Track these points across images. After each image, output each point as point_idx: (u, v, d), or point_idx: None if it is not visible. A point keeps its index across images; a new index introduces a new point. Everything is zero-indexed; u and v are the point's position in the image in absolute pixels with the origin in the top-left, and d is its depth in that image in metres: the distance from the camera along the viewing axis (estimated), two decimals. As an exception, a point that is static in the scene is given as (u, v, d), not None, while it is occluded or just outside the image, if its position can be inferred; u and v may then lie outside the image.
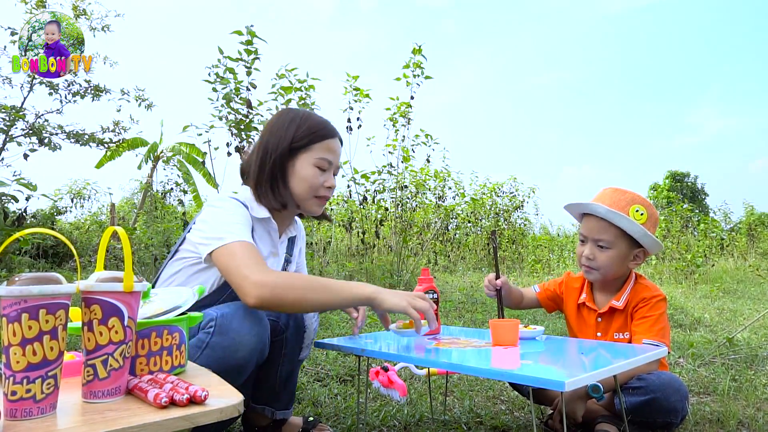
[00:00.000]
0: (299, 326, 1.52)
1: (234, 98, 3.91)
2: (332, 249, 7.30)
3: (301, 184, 1.55)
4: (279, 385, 1.57)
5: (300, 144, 1.54)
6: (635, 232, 1.74)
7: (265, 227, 1.58)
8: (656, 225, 1.81)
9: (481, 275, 8.55)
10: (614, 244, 1.77)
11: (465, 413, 2.02)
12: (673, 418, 1.68)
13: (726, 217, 14.18)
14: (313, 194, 1.56)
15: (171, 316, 1.00)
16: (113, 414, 0.75)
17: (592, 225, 1.80)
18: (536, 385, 1.14)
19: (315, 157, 1.54)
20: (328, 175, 1.58)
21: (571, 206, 1.89)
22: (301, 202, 1.58)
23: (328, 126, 1.59)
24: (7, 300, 0.74)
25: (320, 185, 1.56)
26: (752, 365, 2.70)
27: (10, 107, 6.11)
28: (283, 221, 1.66)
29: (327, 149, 1.56)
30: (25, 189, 3.54)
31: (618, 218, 1.73)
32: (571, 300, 1.95)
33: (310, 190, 1.56)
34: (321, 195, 1.58)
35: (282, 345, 1.51)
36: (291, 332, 1.50)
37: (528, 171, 54.22)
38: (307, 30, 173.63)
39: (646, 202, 1.79)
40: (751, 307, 5.10)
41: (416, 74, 5.23)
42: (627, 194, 1.79)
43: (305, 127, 1.55)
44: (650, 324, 1.73)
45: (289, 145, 1.54)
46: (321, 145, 1.55)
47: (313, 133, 1.55)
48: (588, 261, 1.81)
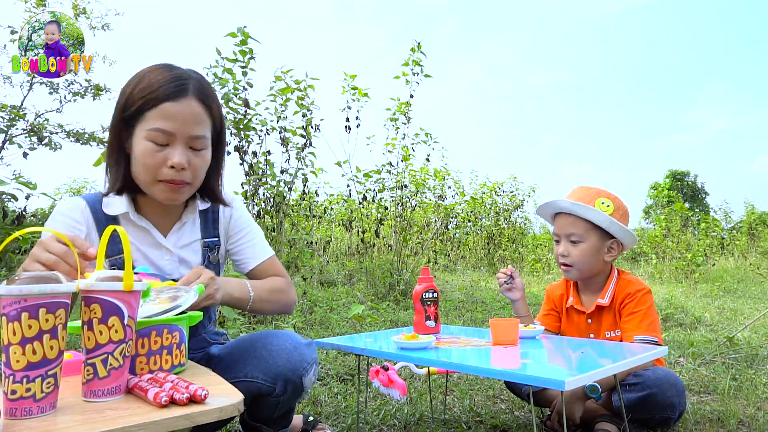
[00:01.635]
0: (297, 391, 1.34)
1: (233, 98, 3.91)
2: (332, 248, 7.30)
3: (137, 165, 1.25)
4: (274, 422, 1.45)
5: (130, 113, 1.22)
6: (601, 221, 1.76)
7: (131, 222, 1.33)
8: (626, 217, 1.83)
9: (480, 274, 8.55)
10: (585, 237, 1.79)
11: (465, 412, 2.02)
12: (671, 414, 1.68)
13: (726, 216, 14.17)
14: (152, 177, 1.24)
15: (171, 315, 1.00)
16: (113, 413, 0.75)
17: (562, 222, 1.84)
18: (536, 384, 1.14)
19: (146, 129, 1.21)
20: (170, 151, 1.22)
21: (541, 208, 1.93)
22: (146, 189, 1.28)
23: (165, 85, 1.21)
24: (7, 299, 0.74)
25: (159, 165, 1.22)
26: (752, 364, 2.70)
27: (9, 106, 6.11)
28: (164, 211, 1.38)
29: (162, 116, 1.20)
30: (24, 188, 3.53)
31: (582, 209, 1.77)
32: (560, 306, 1.97)
33: (147, 172, 1.23)
34: (163, 177, 1.23)
35: (277, 405, 1.35)
36: (288, 396, 1.34)
37: (528, 170, 54.27)
38: (306, 29, 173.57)
39: (612, 195, 1.83)
40: (752, 306, 5.09)
41: (415, 72, 5.22)
42: (593, 189, 1.84)
43: (138, 89, 1.22)
44: (639, 319, 1.73)
45: (120, 116, 1.24)
46: (154, 111, 1.20)
47: (143, 97, 1.21)
48: (563, 258, 1.83)
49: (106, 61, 7.42)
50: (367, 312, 3.81)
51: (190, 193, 1.32)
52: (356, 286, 5.66)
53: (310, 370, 1.33)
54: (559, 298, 1.97)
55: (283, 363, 1.29)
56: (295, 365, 1.30)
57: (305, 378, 1.32)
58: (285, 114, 4.27)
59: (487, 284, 6.77)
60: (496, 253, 10.33)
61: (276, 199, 4.24)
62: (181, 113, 1.21)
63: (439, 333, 1.72)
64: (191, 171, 1.26)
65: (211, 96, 1.31)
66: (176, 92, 1.22)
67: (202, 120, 1.26)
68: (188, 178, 1.26)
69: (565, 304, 1.93)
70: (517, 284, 1.90)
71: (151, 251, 1.35)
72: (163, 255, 1.36)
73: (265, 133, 4.20)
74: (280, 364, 1.29)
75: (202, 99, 1.26)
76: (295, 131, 4.34)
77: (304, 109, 4.34)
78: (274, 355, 1.30)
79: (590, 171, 55.41)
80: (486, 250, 10.49)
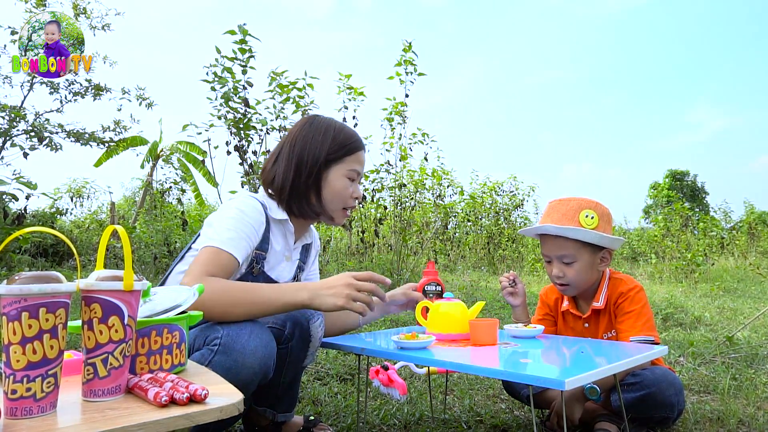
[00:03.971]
0: (304, 336, 1.46)
1: (233, 97, 3.90)
2: (332, 248, 7.30)
3: (334, 195, 1.58)
4: (282, 390, 1.55)
5: (335, 156, 1.57)
6: (591, 239, 1.73)
7: (282, 229, 1.60)
8: (610, 221, 1.80)
9: (480, 274, 8.55)
10: (577, 256, 1.76)
11: (465, 412, 2.02)
12: (670, 413, 1.68)
13: (726, 215, 14.16)
14: (343, 205, 1.60)
15: (171, 315, 1.00)
16: (113, 413, 0.75)
17: (550, 244, 1.80)
18: (536, 384, 1.14)
19: (347, 169, 1.58)
20: (356, 186, 1.62)
21: (524, 232, 1.90)
22: (332, 213, 1.61)
23: (357, 137, 1.63)
24: (7, 299, 0.74)
25: (350, 196, 1.60)
26: (752, 364, 2.70)
27: (10, 107, 6.11)
28: (301, 227, 1.66)
29: (358, 161, 1.61)
30: (25, 188, 3.53)
31: (570, 232, 1.73)
32: (555, 311, 1.97)
33: (341, 202, 1.59)
34: (349, 206, 1.62)
35: (286, 353, 1.47)
36: (295, 341, 1.46)
37: (528, 170, 54.30)
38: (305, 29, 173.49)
39: (593, 203, 1.78)
40: (752, 305, 5.09)
41: (409, 72, 5.21)
42: (572, 202, 1.78)
43: (340, 138, 1.58)
44: (634, 319, 1.73)
45: (326, 157, 1.56)
46: (353, 157, 1.59)
47: (347, 145, 1.59)
48: (559, 279, 1.80)
49: (107, 61, 7.43)
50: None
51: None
52: (356, 286, 5.65)
53: (316, 318, 1.46)
54: (554, 302, 1.96)
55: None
56: (302, 310, 1.43)
57: (312, 323, 1.44)
58: (284, 113, 4.26)
59: (487, 284, 6.76)
60: (496, 252, 10.33)
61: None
62: (365, 159, 1.66)
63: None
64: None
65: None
66: (363, 144, 1.65)
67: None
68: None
69: (560, 308, 1.93)
70: (519, 290, 1.89)
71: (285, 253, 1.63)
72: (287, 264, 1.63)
73: (265, 132, 4.20)
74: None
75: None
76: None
77: (302, 108, 4.34)
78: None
79: (590, 171, 55.44)
80: (486, 249, 10.49)
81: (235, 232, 1.43)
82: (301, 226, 1.66)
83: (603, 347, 1.54)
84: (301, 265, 1.71)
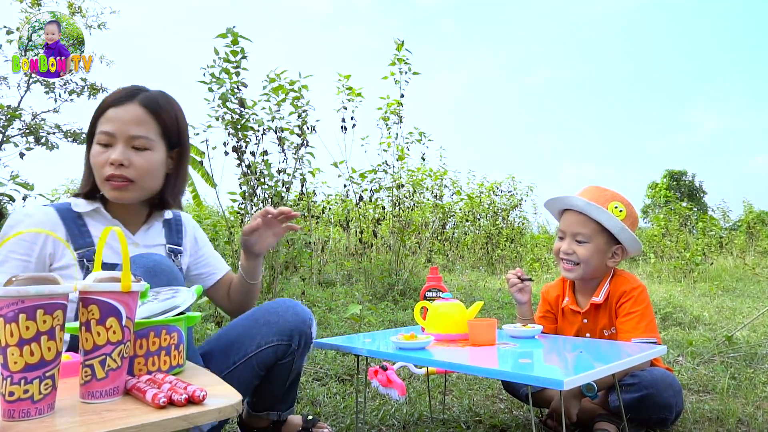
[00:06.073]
0: (307, 342, 1.47)
1: (230, 98, 3.90)
2: (330, 248, 7.29)
3: (94, 168, 1.36)
4: (284, 391, 1.55)
5: (92, 127, 1.37)
6: (613, 226, 1.75)
7: (103, 220, 1.39)
8: (635, 225, 1.81)
9: (479, 274, 8.55)
10: (592, 238, 1.77)
11: (464, 412, 2.02)
12: (668, 414, 1.68)
13: (725, 215, 14.18)
14: (102, 176, 1.34)
15: (169, 316, 1.00)
16: (111, 414, 0.75)
17: (571, 219, 1.81)
18: (535, 384, 1.14)
19: (97, 134, 1.35)
20: (113, 150, 1.33)
21: (551, 202, 1.89)
22: (101, 189, 1.37)
23: (112, 96, 1.37)
24: (4, 300, 0.73)
25: (103, 164, 1.33)
26: (751, 363, 2.70)
27: (6, 107, 6.10)
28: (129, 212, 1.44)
29: (106, 119, 1.34)
30: (22, 188, 3.52)
31: (596, 211, 1.75)
32: (556, 308, 1.97)
33: (96, 172, 1.35)
34: (105, 175, 1.33)
35: (292, 363, 1.47)
36: (300, 350, 1.46)
37: (527, 170, 54.28)
38: (304, 29, 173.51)
39: (626, 201, 1.81)
40: (750, 305, 5.10)
41: (403, 71, 5.20)
42: (607, 192, 1.81)
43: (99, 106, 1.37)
44: (637, 320, 1.72)
45: (90, 131, 1.38)
46: (102, 118, 1.34)
47: (98, 109, 1.36)
48: (566, 255, 1.81)
49: (104, 60, 7.41)
50: (365, 312, 3.81)
51: (139, 192, 1.38)
52: (355, 287, 5.65)
53: (312, 322, 1.49)
54: (555, 299, 1.96)
55: (292, 318, 1.44)
56: (302, 316, 1.46)
57: (312, 328, 1.47)
58: (280, 114, 4.26)
59: (486, 284, 6.77)
60: (495, 252, 10.33)
61: (274, 200, 4.23)
62: (120, 116, 1.33)
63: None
64: (134, 169, 1.33)
65: (164, 107, 1.39)
66: (119, 100, 1.35)
67: (143, 122, 1.35)
68: (131, 175, 1.33)
69: (561, 305, 1.93)
70: (527, 286, 1.90)
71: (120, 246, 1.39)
72: (133, 250, 1.39)
73: (262, 133, 4.19)
74: (291, 320, 1.44)
75: (147, 105, 1.36)
76: (292, 130, 4.33)
77: (299, 110, 4.33)
78: (282, 314, 1.44)
79: (589, 170, 55.50)
80: (484, 249, 10.48)
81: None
82: (125, 209, 1.42)
83: (601, 347, 1.54)
84: (175, 248, 1.50)
